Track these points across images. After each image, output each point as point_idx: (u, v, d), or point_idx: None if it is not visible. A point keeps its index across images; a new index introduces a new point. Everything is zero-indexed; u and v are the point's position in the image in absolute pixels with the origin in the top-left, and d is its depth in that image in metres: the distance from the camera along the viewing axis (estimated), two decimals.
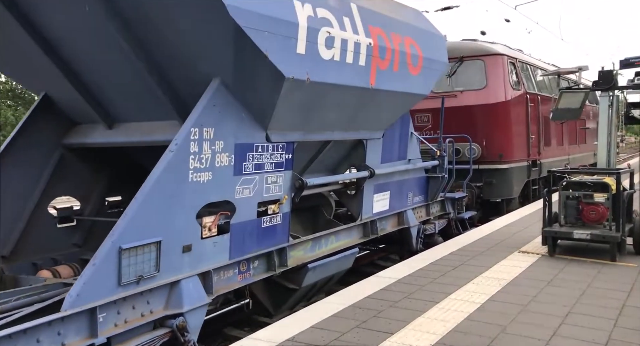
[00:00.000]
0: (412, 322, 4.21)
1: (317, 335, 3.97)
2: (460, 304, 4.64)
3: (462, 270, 5.79)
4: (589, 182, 6.40)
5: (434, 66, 7.01)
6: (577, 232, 6.20)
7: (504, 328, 4.06)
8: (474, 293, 4.96)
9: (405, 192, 7.71)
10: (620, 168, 7.02)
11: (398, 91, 6.30)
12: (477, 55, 11.01)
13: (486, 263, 6.09)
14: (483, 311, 4.45)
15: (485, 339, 3.85)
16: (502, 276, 5.50)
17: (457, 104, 10.65)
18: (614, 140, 7.31)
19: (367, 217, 6.76)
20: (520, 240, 7.36)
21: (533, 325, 4.12)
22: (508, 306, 4.57)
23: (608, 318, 4.22)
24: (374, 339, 3.89)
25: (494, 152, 10.53)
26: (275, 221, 5.16)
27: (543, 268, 5.80)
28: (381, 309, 4.56)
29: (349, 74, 5.33)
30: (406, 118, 7.59)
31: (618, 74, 7.47)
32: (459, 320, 4.23)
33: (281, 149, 5.15)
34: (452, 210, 9.13)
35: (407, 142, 7.66)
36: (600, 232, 6.15)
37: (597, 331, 3.97)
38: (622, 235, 6.11)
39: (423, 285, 5.24)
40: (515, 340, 3.84)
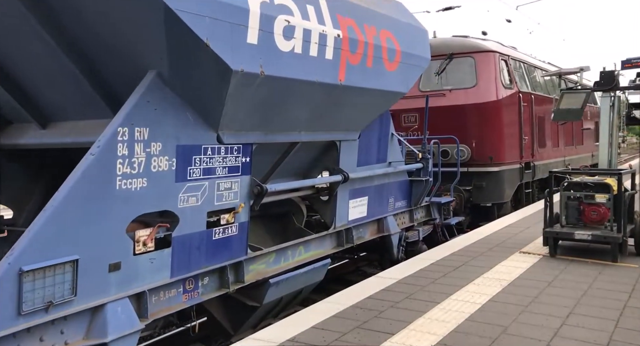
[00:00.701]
0: (413, 323, 4.18)
1: (317, 335, 3.96)
2: (461, 305, 4.62)
3: (463, 271, 5.75)
4: (590, 183, 6.38)
5: (414, 62, 6.48)
6: (578, 233, 6.16)
7: (504, 329, 4.04)
8: (474, 293, 4.93)
9: (386, 197, 7.18)
10: (622, 168, 7.01)
11: (372, 88, 5.77)
12: (467, 52, 10.42)
13: (487, 263, 6.06)
14: (484, 311, 4.41)
15: (486, 340, 3.83)
16: (503, 277, 5.48)
17: (445, 103, 10.14)
18: (615, 140, 7.29)
19: (342, 225, 6.23)
20: (521, 240, 7.28)
21: (534, 325, 4.07)
22: (509, 306, 4.52)
23: (609, 319, 4.17)
24: (374, 339, 3.87)
25: (484, 154, 9.97)
26: (230, 232, 4.58)
27: (544, 269, 5.76)
28: (382, 309, 4.52)
29: (313, 69, 4.79)
30: (386, 118, 7.08)
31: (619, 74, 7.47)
32: (460, 321, 4.19)
33: (236, 152, 4.59)
34: (438, 215, 8.63)
35: (387, 144, 7.14)
36: (601, 232, 6.08)
37: (598, 332, 3.92)
38: (623, 236, 6.04)
39: (424, 286, 5.23)
40: (516, 340, 3.80)
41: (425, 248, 7.80)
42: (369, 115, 6.34)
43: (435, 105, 9.96)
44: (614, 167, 7.23)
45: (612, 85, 7.10)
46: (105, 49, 3.89)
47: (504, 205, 10.45)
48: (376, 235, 7.02)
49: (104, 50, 3.90)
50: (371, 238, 6.91)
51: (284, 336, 3.92)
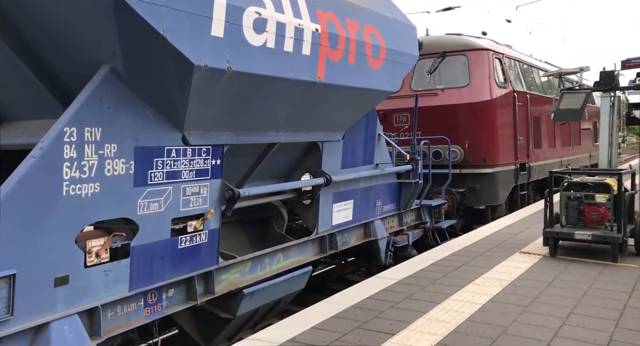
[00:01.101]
0: (413, 323, 4.15)
1: (318, 336, 3.96)
2: (461, 305, 4.60)
3: (463, 271, 5.73)
4: (590, 183, 6.37)
5: (401, 59, 6.13)
6: (578, 233, 6.13)
7: (505, 329, 4.03)
8: (475, 293, 4.91)
9: (373, 200, 6.84)
10: (622, 168, 7.01)
11: (356, 87, 5.45)
12: (460, 50, 10.04)
13: (487, 264, 6.03)
14: (484, 312, 4.38)
15: (486, 340, 3.82)
16: (503, 277, 5.46)
17: (438, 103, 9.79)
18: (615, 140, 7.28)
19: (325, 230, 5.90)
20: (521, 240, 7.22)
21: (534, 325, 4.04)
22: (509, 307, 4.49)
23: (609, 319, 4.14)
24: (375, 340, 3.86)
25: (478, 155, 9.58)
26: (199, 240, 4.26)
27: (544, 269, 5.73)
28: (382, 310, 4.50)
29: (288, 65, 4.47)
30: (372, 118, 6.75)
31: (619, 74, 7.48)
32: (460, 321, 4.16)
33: (205, 154, 4.26)
34: (428, 219, 8.28)
35: (374, 145, 6.80)
36: (601, 232, 6.04)
37: (598, 332, 3.90)
38: (623, 236, 5.98)
39: (424, 286, 5.22)
40: (517, 340, 3.77)
41: (415, 253, 7.43)
42: (353, 115, 6.02)
43: (427, 104, 9.68)
44: (614, 167, 7.23)
45: (612, 85, 7.09)
46: (55, 44, 3.56)
47: (498, 207, 10.08)
48: (362, 240, 6.69)
49: (54, 46, 3.57)
50: (357, 243, 6.58)
51: (284, 336, 3.91)
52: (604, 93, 7.22)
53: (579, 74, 9.29)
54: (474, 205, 9.76)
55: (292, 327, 4.11)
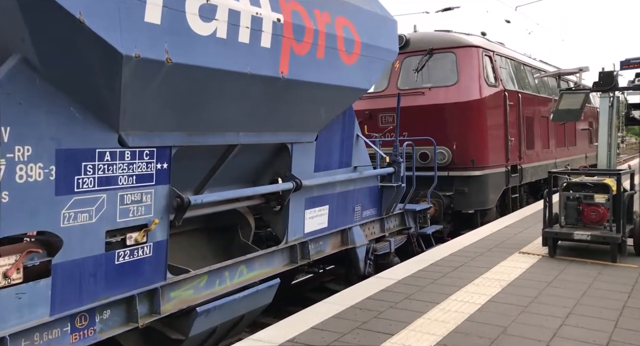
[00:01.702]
0: (412, 323, 4.15)
1: (317, 336, 3.95)
2: (461, 305, 4.60)
3: (463, 271, 5.73)
4: (590, 183, 6.37)
5: (378, 55, 5.71)
6: (577, 233, 6.12)
7: (504, 329, 4.03)
8: (474, 294, 4.91)
9: (351, 205, 6.40)
10: (621, 169, 7.02)
11: (326, 83, 5.01)
12: (448, 47, 9.59)
13: (486, 264, 6.02)
14: (483, 312, 4.38)
15: (486, 340, 3.82)
16: (502, 278, 5.46)
17: (424, 103, 9.33)
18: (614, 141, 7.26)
19: (296, 239, 5.45)
20: (520, 241, 7.20)
21: (533, 326, 4.04)
22: (508, 307, 4.49)
23: (609, 319, 4.14)
24: (374, 340, 3.86)
25: (466, 157, 9.13)
26: (141, 254, 3.79)
27: (543, 269, 5.72)
28: (381, 310, 4.49)
29: (244, 58, 4.00)
30: (349, 118, 6.33)
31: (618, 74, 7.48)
32: (459, 321, 4.16)
33: (148, 156, 3.77)
34: (413, 224, 7.86)
35: (351, 146, 6.36)
36: (600, 232, 6.01)
37: (597, 332, 3.89)
38: (622, 236, 5.95)
39: (423, 286, 5.22)
40: (516, 341, 3.76)
41: (397, 261, 7.00)
42: (326, 115, 5.56)
43: (414, 104, 9.28)
44: (613, 168, 7.24)
45: (611, 86, 7.10)
46: None
47: (488, 211, 9.59)
48: (339, 248, 6.23)
49: None
50: (333, 252, 6.12)
51: (283, 336, 3.91)
52: (603, 93, 7.21)
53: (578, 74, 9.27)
54: (463, 209, 9.31)
55: (291, 327, 4.10)
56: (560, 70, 10.39)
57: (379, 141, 7.73)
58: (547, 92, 13.12)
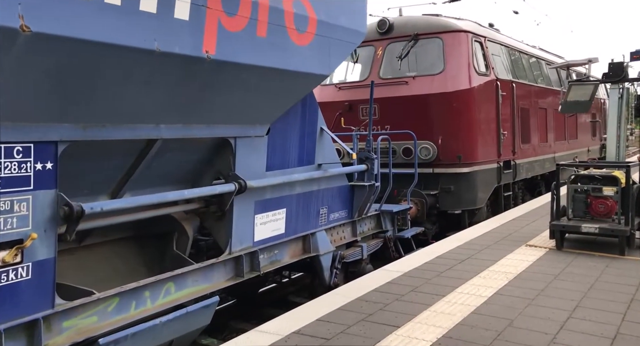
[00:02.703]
0: (418, 316, 4.16)
1: (323, 328, 3.97)
2: (467, 298, 4.60)
3: (469, 264, 5.73)
4: (598, 176, 6.34)
5: (340, 36, 5.01)
6: (585, 226, 6.12)
7: (510, 322, 4.02)
8: (480, 286, 4.91)
9: (315, 207, 5.77)
10: (630, 161, 6.96)
11: (270, 67, 4.30)
12: (434, 32, 8.83)
13: (493, 256, 6.02)
14: (490, 304, 4.39)
15: (492, 333, 3.82)
16: (509, 270, 5.45)
17: (408, 93, 8.57)
18: (623, 133, 7.21)
19: (242, 248, 4.83)
20: (527, 233, 7.20)
21: (540, 318, 4.04)
22: (515, 300, 4.49)
23: (616, 312, 4.13)
24: (380, 332, 3.87)
25: (452, 153, 8.43)
26: (13, 277, 3.09)
27: (551, 262, 5.72)
28: (387, 302, 4.51)
29: (150, 31, 3.26)
30: (311, 110, 5.68)
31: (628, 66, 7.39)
32: (465, 314, 4.17)
33: (21, 154, 3.07)
34: (390, 227, 7.24)
35: (314, 142, 5.74)
36: (608, 225, 6.03)
37: (605, 325, 3.88)
38: (631, 229, 5.98)
39: (429, 279, 5.22)
40: (522, 333, 3.77)
41: (370, 268, 6.42)
42: (277, 104, 4.87)
43: (397, 94, 8.59)
44: (622, 160, 7.18)
45: (621, 77, 7.03)
46: None
47: (477, 211, 8.87)
48: (300, 257, 5.60)
49: None
50: (293, 261, 5.50)
51: (289, 328, 3.93)
52: (612, 85, 7.15)
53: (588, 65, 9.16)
54: (449, 210, 8.64)
55: (297, 319, 4.12)
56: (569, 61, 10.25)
57: (356, 135, 7.09)
58: (545, 82, 12.42)
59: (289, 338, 3.76)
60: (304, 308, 4.47)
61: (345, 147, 6.48)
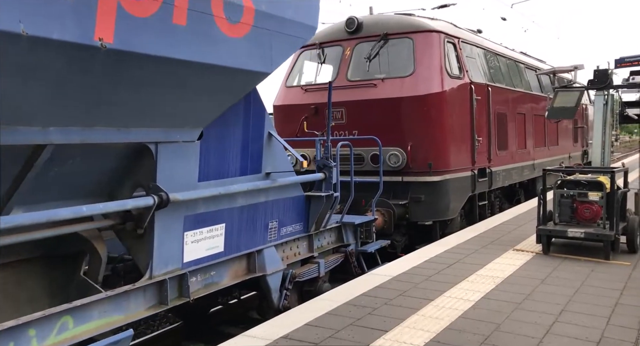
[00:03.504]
0: (406, 320, 4.19)
1: (311, 333, 3.97)
2: (455, 302, 4.63)
3: (457, 268, 5.76)
4: (584, 181, 6.42)
5: (285, 29, 4.45)
6: (571, 230, 6.18)
7: (498, 326, 4.06)
8: (468, 291, 4.94)
9: (262, 221, 5.21)
10: (615, 167, 7.06)
11: (193, 61, 3.65)
12: (405, 32, 8.37)
13: (481, 261, 6.07)
14: (477, 309, 4.42)
15: (480, 337, 3.85)
16: (496, 275, 5.49)
17: (376, 96, 8.12)
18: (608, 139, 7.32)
19: (168, 271, 4.16)
20: (514, 238, 7.27)
21: (527, 322, 4.08)
22: (502, 304, 4.53)
23: (601, 316, 4.18)
24: (368, 336, 3.88)
25: (423, 160, 7.95)
26: None
27: (537, 267, 5.76)
28: (376, 306, 4.52)
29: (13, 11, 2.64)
30: (257, 112, 5.11)
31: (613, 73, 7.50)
32: (453, 318, 4.20)
33: None
34: (353, 240, 6.75)
35: (261, 148, 5.16)
36: (594, 230, 6.08)
37: (590, 329, 3.93)
38: (615, 234, 6.01)
39: (418, 283, 5.24)
40: (509, 337, 3.81)
41: (328, 287, 5.91)
42: (209, 105, 4.25)
43: (365, 97, 8.15)
44: (607, 165, 7.29)
45: (605, 84, 7.14)
46: None
47: (449, 222, 8.41)
48: (243, 277, 5.01)
49: None
50: (234, 282, 4.92)
51: (277, 333, 3.92)
52: (597, 91, 7.26)
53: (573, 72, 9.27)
54: (419, 220, 8.10)
55: (285, 324, 4.11)
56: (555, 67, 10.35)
57: (319, 140, 6.69)
58: (524, 87, 11.97)
59: (277, 343, 3.75)
60: (292, 312, 4.46)
61: (296, 154, 5.76)
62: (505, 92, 10.57)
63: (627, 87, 7.35)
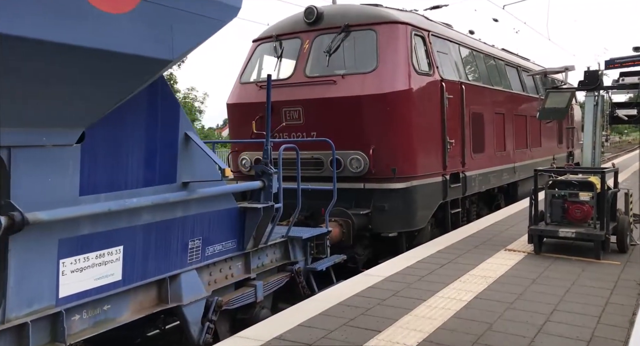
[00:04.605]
0: (399, 320, 4.18)
1: (304, 333, 3.97)
2: (448, 302, 4.64)
3: (450, 268, 5.78)
4: (575, 181, 6.48)
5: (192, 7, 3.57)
6: (562, 230, 6.21)
7: (490, 326, 4.07)
8: (460, 291, 4.95)
9: (179, 240, 4.37)
10: (605, 167, 7.13)
11: (52, 42, 2.82)
12: (368, 23, 7.56)
13: (473, 261, 6.08)
14: (470, 308, 4.44)
15: (472, 336, 3.86)
16: (488, 274, 5.51)
17: (335, 94, 7.30)
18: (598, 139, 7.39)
19: (31, 312, 3.32)
20: (506, 238, 7.26)
21: (519, 322, 4.09)
22: (494, 304, 4.55)
23: (592, 316, 4.21)
24: (361, 337, 3.88)
25: (386, 165, 7.14)
26: None
27: (529, 266, 5.78)
28: (369, 307, 4.52)
29: None
30: (167, 109, 4.25)
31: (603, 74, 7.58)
32: (446, 318, 4.21)
33: None
34: (302, 256, 5.91)
35: (175, 152, 4.31)
36: (585, 230, 6.13)
37: (581, 328, 3.95)
38: (606, 234, 6.06)
39: (411, 283, 5.26)
40: (501, 337, 3.82)
41: (267, 313, 5.16)
42: (89, 100, 3.37)
43: (323, 96, 7.35)
44: (598, 166, 7.35)
45: (596, 85, 7.20)
46: None
47: (417, 233, 7.65)
48: (152, 310, 4.19)
49: None
50: (136, 317, 4.06)
51: (270, 334, 3.92)
52: (588, 92, 7.33)
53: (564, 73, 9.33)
54: (382, 232, 7.35)
55: (279, 325, 4.11)
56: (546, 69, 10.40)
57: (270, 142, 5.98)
58: (504, 85, 11.20)
59: (270, 344, 3.75)
60: (285, 313, 4.46)
61: (217, 161, 4.65)
62: (482, 91, 9.77)
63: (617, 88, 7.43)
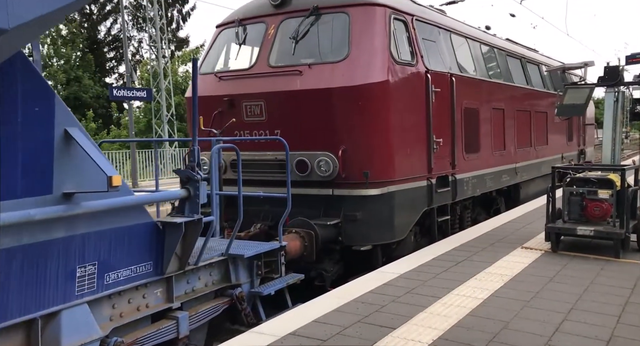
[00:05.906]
0: (414, 317, 4.16)
1: (319, 329, 3.98)
2: (463, 299, 4.61)
3: (465, 266, 5.73)
4: (594, 179, 6.38)
5: None
6: (580, 228, 6.11)
7: (506, 324, 4.03)
8: (476, 288, 4.91)
9: (61, 267, 3.50)
10: (625, 164, 7.01)
11: None
12: (339, 5, 6.55)
13: (489, 259, 6.01)
14: (485, 306, 4.39)
15: (488, 335, 3.83)
16: (504, 272, 5.46)
17: (302, 86, 6.36)
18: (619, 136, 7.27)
19: None
20: (523, 236, 7.14)
21: (535, 321, 4.04)
22: (511, 302, 4.49)
23: (611, 315, 4.13)
24: (375, 334, 3.87)
25: (358, 168, 6.21)
26: None
27: (546, 265, 5.70)
28: (383, 304, 4.50)
29: None
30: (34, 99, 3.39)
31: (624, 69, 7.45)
32: (461, 316, 4.18)
33: None
34: (246, 278, 5.01)
35: (49, 154, 3.45)
36: (604, 228, 6.01)
37: (599, 327, 3.88)
38: (626, 232, 5.93)
39: (425, 280, 5.23)
40: (518, 335, 3.77)
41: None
42: None
43: (288, 88, 6.41)
44: (618, 163, 7.24)
45: (616, 81, 7.09)
46: None
47: (396, 245, 6.64)
48: None
49: None
50: None
51: (285, 329, 3.93)
52: (608, 88, 7.21)
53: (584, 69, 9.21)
54: (354, 245, 6.31)
55: (293, 320, 4.12)
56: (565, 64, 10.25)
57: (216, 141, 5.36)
58: (504, 77, 10.12)
59: (285, 339, 3.77)
60: (300, 309, 4.48)
61: (103, 165, 3.55)
62: (478, 84, 8.67)
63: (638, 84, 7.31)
